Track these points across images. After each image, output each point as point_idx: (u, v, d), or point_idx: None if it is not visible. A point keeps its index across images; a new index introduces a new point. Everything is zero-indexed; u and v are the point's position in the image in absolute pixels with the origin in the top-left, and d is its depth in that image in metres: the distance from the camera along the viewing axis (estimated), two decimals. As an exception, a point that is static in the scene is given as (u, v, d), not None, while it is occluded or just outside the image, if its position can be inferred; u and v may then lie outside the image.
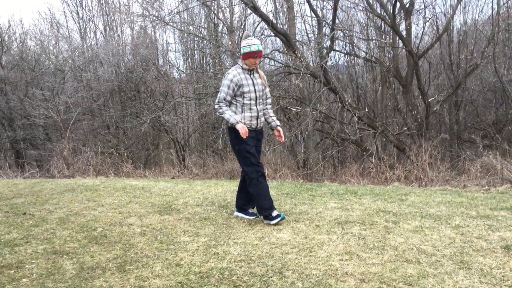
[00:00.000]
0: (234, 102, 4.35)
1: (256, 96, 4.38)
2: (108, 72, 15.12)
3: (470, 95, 13.72)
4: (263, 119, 4.55)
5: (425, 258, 3.33)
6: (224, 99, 4.31)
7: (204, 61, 17.03)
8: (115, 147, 14.61)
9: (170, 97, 15.07)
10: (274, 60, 12.96)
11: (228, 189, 6.52)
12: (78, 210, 5.13)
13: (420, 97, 11.96)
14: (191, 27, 15.40)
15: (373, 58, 11.89)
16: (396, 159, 10.70)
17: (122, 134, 15.50)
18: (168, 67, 17.82)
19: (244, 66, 4.37)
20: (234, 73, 4.32)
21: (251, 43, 4.32)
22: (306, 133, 10.96)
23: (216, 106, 4.36)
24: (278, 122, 4.66)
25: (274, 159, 11.06)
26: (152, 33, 17.57)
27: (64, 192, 6.35)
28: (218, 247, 3.72)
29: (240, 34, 15.27)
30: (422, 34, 12.82)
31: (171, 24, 12.88)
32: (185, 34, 16.05)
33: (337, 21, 11.47)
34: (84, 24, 18.21)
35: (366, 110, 12.34)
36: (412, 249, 3.54)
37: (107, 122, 15.37)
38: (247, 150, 4.35)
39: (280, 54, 13.54)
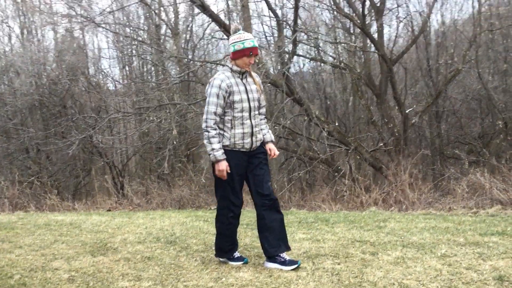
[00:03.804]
0: (222, 116, 4.07)
1: (250, 106, 4.08)
2: (27, 84, 14.73)
3: (452, 104, 14.25)
4: (260, 136, 4.21)
5: (408, 295, 3.39)
6: (215, 113, 3.96)
7: (145, 69, 16.91)
8: (36, 174, 14.17)
9: (104, 112, 14.82)
10: (229, 67, 13.02)
11: (176, 221, 6.44)
12: (-11, 254, 4.92)
13: (397, 108, 12.32)
14: (127, 29, 15.28)
15: (342, 64, 12.19)
16: (372, 179, 10.92)
17: (44, 159, 15.08)
18: (100, 76, 17.53)
19: (235, 68, 4.07)
20: (222, 77, 4.01)
21: (244, 38, 4.02)
22: (268, 152, 11.03)
23: (203, 126, 3.98)
24: (271, 136, 4.34)
25: (231, 184, 11.03)
26: (81, 36, 17.30)
27: (-29, 232, 6.08)
28: (165, 292, 3.64)
29: (187, 37, 15.31)
30: (396, 37, 13.30)
31: (103, 25, 12.71)
32: (121, 38, 15.89)
33: (299, 21, 11.70)
34: (-4, 27, 17.71)
35: (337, 124, 12.58)
36: (394, 284, 3.59)
37: (26, 144, 14.90)
38: (228, 180, 4.08)
39: (235, 60, 13.62)
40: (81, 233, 5.86)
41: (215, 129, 3.99)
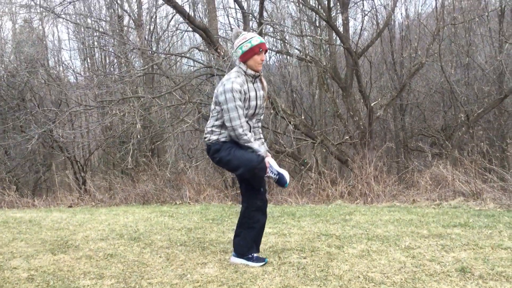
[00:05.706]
0: (220, 117, 3.86)
1: (254, 112, 3.95)
2: (-17, 76, 14.36)
3: (416, 97, 14.52)
4: (256, 136, 4.12)
5: (373, 287, 3.44)
6: (246, 115, 3.83)
7: (107, 61, 16.70)
8: (-6, 170, 13.88)
9: (65, 106, 14.58)
10: (193, 60, 12.96)
11: (140, 217, 6.37)
12: None
13: (362, 101, 12.48)
14: (89, 20, 15.00)
15: (308, 57, 12.25)
16: (338, 173, 11.04)
17: (2, 154, 14.76)
18: (61, 69, 17.29)
19: (249, 72, 3.86)
20: (240, 82, 3.78)
21: (249, 37, 3.85)
22: (234, 145, 11.01)
23: (240, 132, 3.77)
24: (266, 148, 4.12)
25: (197, 178, 10.97)
26: (40, 27, 16.95)
27: None
28: (129, 290, 3.60)
29: (150, 28, 15.14)
30: (361, 30, 13.45)
31: (63, 16, 12.45)
32: (82, 29, 15.61)
33: (265, 14, 11.73)
34: (-50, 16, 17.15)
35: (303, 117, 12.65)
36: (359, 277, 3.63)
37: (-17, 139, 14.56)
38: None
39: (200, 52, 13.56)
40: (41, 230, 5.74)
41: (248, 127, 3.86)
